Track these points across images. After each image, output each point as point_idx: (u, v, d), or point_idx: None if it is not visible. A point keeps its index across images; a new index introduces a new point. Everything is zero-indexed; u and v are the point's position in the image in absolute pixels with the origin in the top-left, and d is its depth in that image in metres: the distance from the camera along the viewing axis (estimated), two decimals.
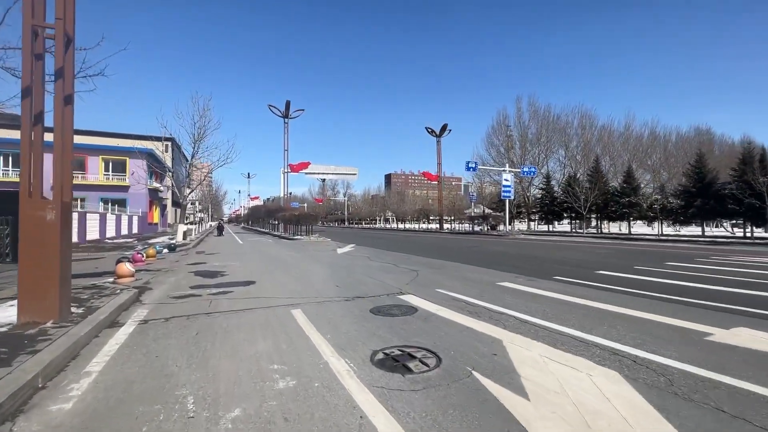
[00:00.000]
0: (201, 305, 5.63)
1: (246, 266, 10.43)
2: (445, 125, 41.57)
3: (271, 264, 10.99)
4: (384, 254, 13.79)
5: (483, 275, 8.46)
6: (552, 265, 10.34)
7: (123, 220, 25.70)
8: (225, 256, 13.31)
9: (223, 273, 9.06)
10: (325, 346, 3.78)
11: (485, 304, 5.58)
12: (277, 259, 12.28)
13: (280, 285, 7.40)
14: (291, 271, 9.35)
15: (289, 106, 31.90)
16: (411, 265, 10.39)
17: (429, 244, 20.06)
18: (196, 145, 19.70)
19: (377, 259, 12.13)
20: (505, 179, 30.58)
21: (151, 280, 7.88)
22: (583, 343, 3.80)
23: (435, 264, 10.56)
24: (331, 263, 11.03)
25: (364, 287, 7.07)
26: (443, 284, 7.31)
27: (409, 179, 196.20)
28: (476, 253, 14.41)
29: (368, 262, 11.12)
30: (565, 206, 38.94)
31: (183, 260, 12.04)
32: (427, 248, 16.80)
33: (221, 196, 72.96)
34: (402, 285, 7.27)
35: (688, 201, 28.66)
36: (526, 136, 48.80)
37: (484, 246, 17.92)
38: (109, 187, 31.14)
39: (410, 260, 11.63)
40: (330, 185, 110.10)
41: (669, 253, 13.61)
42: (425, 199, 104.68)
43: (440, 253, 14.37)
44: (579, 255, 13.08)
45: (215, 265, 10.76)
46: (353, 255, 13.62)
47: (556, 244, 19.07)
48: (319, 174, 36.59)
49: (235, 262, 11.55)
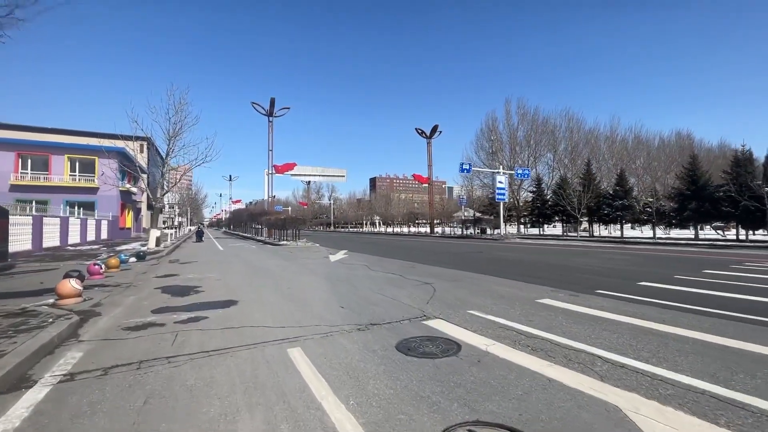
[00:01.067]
0: (162, 343, 4.09)
1: (226, 279, 8.84)
2: (436, 126, 40.57)
3: (256, 276, 9.42)
4: (384, 262, 12.37)
5: (512, 289, 7.16)
6: (580, 274, 9.15)
7: (89, 225, 23.41)
8: (202, 266, 11.63)
9: (197, 289, 7.46)
10: (352, 426, 2.36)
11: (545, 335, 4.25)
12: (263, 270, 10.70)
13: (269, 306, 5.89)
14: (281, 286, 7.83)
15: (273, 103, 30.19)
16: (420, 276, 9.01)
17: (427, 249, 18.76)
18: (171, 142, 17.88)
19: (378, 268, 10.71)
20: (499, 181, 29.69)
21: (103, 301, 6.24)
22: (742, 409, 2.50)
23: (448, 275, 9.21)
24: (327, 274, 9.55)
25: (376, 308, 5.65)
26: (472, 303, 5.96)
27: (394, 182, 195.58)
28: (486, 260, 13.16)
29: (369, 273, 9.69)
30: (557, 209, 38.45)
31: (152, 271, 10.33)
32: (429, 255, 15.47)
33: (201, 200, 70.09)
34: (422, 304, 5.89)
35: (682, 204, 28.39)
36: (516, 138, 48.39)
37: (489, 252, 16.73)
38: (76, 189, 28.63)
39: (417, 270, 10.26)
40: (315, 188, 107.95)
41: (697, 260, 12.70)
42: (410, 202, 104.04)
43: (446, 260, 13.07)
44: (598, 262, 11.99)
45: (189, 277, 9.11)
46: (349, 263, 12.16)
47: (563, 249, 18.07)
48: (306, 176, 34.84)
49: (213, 273, 9.92)
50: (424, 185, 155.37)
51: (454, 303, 5.96)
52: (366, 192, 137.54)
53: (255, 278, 8.99)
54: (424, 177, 41.33)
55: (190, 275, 9.51)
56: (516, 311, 5.39)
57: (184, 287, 7.68)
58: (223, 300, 6.34)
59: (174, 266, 11.66)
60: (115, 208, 29.88)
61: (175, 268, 11.04)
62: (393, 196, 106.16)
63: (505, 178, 30.16)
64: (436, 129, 40.66)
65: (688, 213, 27.44)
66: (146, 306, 5.90)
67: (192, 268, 11.21)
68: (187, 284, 8.07)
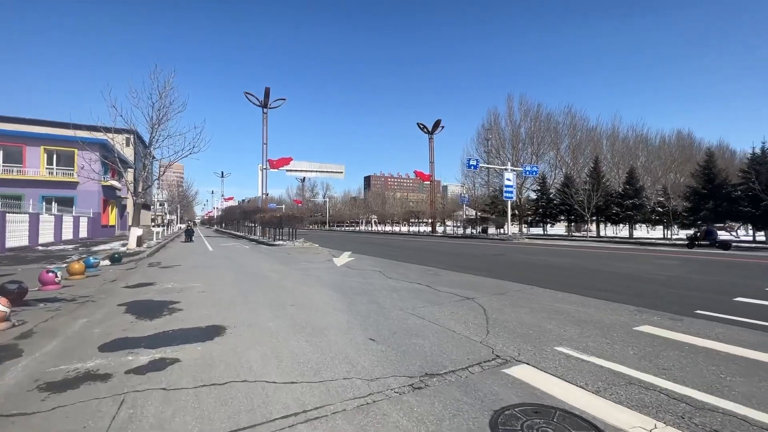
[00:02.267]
0: (91, 423, 2.41)
1: (213, 290, 7.13)
2: (438, 121, 38.96)
3: (250, 286, 7.71)
4: (399, 267, 10.73)
5: (584, 308, 5.56)
6: (647, 285, 7.61)
7: (65, 222, 21.41)
8: (186, 272, 9.88)
9: (174, 306, 5.75)
10: None
11: (714, 401, 2.64)
12: (258, 278, 8.99)
13: (270, 338, 4.22)
14: (282, 302, 6.14)
15: (268, 94, 28.30)
16: (453, 287, 7.39)
17: (439, 251, 17.15)
18: (155, 130, 16.03)
19: (396, 275, 9.06)
20: (507, 179, 28.19)
21: (37, 328, 4.51)
22: None
23: (486, 286, 7.59)
24: (337, 284, 7.87)
25: (422, 342, 4.01)
26: (550, 332, 4.35)
27: (388, 181, 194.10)
28: (514, 264, 11.59)
29: (388, 282, 8.04)
30: (563, 208, 37.16)
31: (124, 279, 8.57)
32: (445, 257, 13.87)
33: (192, 196, 67.73)
34: (481, 334, 4.27)
35: (697, 203, 27.18)
36: (518, 135, 47.03)
37: (510, 254, 15.15)
38: (54, 184, 26.49)
39: (443, 278, 8.64)
40: (309, 186, 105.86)
41: (760, 265, 11.28)
42: (406, 201, 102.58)
43: (470, 264, 11.47)
44: (653, 268, 10.43)
45: (167, 288, 7.38)
46: (359, 269, 10.49)
47: (590, 252, 16.59)
48: (302, 171, 32.99)
49: (197, 281, 8.18)
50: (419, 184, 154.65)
51: (526, 332, 4.34)
52: (360, 191, 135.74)
53: (249, 289, 7.28)
54: (426, 174, 39.72)
55: (169, 284, 7.77)
56: (624, 348, 3.79)
57: (158, 303, 5.95)
58: (205, 326, 4.65)
59: (153, 271, 9.89)
60: (96, 204, 27.80)
61: (153, 275, 9.28)
62: (388, 195, 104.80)
63: (513, 175, 28.69)
64: (438, 124, 39.05)
65: (705, 213, 26.21)
66: (95, 337, 4.19)
67: (173, 274, 9.45)
68: (163, 298, 6.34)
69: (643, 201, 30.92)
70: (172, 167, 45.57)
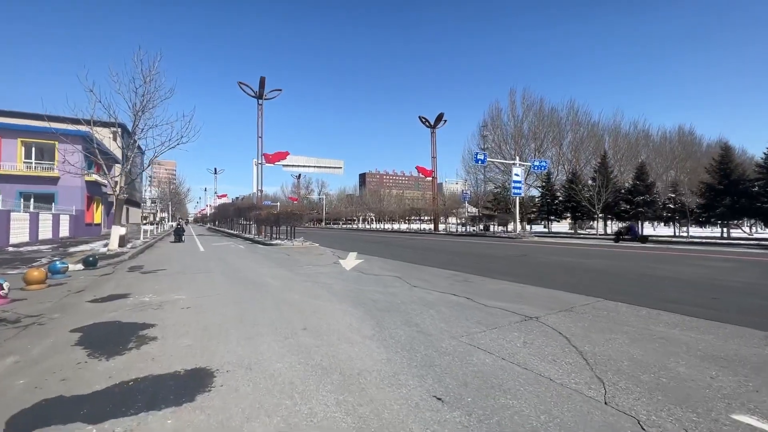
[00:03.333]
0: None
1: (200, 306, 5.67)
2: (441, 115, 37.54)
3: (247, 299, 6.27)
4: (418, 272, 9.33)
5: (705, 336, 4.20)
6: (738, 297, 6.30)
7: (43, 221, 19.71)
8: (170, 279, 8.39)
9: (145, 333, 4.30)
10: None
11: None
12: (257, 286, 7.54)
13: (281, 398, 2.79)
14: (292, 325, 4.71)
15: (263, 83, 26.68)
16: (500, 300, 6.01)
17: (453, 251, 15.80)
18: (138, 118, 14.43)
19: (421, 282, 7.67)
20: (516, 174, 26.90)
21: None
22: None
23: (540, 297, 6.23)
24: (356, 296, 6.45)
25: (517, 405, 2.60)
26: (689, 378, 2.99)
27: (384, 178, 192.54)
28: (550, 268, 10.25)
29: (416, 293, 6.64)
30: (569, 205, 36.05)
31: (93, 289, 7.07)
32: (465, 259, 12.51)
33: (183, 193, 65.72)
34: (596, 386, 2.89)
35: (713, 199, 26.14)
36: (521, 130, 45.80)
37: (533, 255, 13.81)
38: (32, 179, 24.68)
39: (478, 286, 7.26)
40: (304, 184, 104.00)
41: None
42: (402, 198, 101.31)
43: (500, 268, 10.11)
44: (706, 272, 9.18)
45: (143, 302, 5.91)
46: (375, 274, 9.08)
47: (617, 253, 15.34)
48: (299, 167, 31.42)
49: (182, 292, 6.72)
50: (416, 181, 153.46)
51: (657, 381, 2.96)
52: (356, 188, 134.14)
53: (246, 304, 5.84)
54: (428, 170, 38.34)
55: (146, 296, 6.30)
56: None
57: (125, 328, 4.50)
58: (184, 371, 3.21)
59: (131, 278, 8.39)
60: (80, 200, 26.03)
61: (130, 283, 7.78)
62: (384, 192, 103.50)
63: (521, 170, 27.43)
64: (440, 118, 37.62)
65: (722, 209, 25.19)
66: (11, 396, 2.73)
67: (155, 281, 7.97)
68: (134, 319, 4.89)
69: (655, 197, 29.86)
70: (164, 164, 43.35)
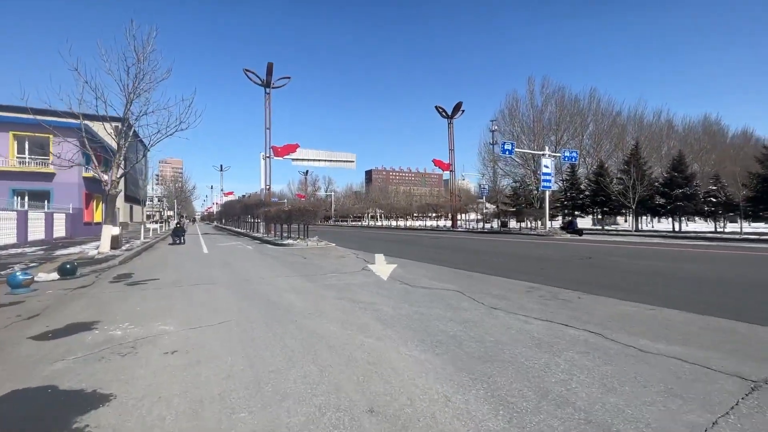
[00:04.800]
0: None
1: (193, 349, 3.69)
2: (459, 104, 35.26)
3: (263, 335, 4.28)
4: (480, 283, 7.29)
5: None
6: None
7: (34, 220, 18.00)
8: (160, 294, 6.46)
9: (85, 425, 2.32)
10: None
11: None
12: (274, 309, 5.57)
13: None
14: (347, 401, 2.70)
15: (271, 70, 24.69)
16: (649, 336, 3.95)
17: (495, 251, 13.75)
18: (130, 101, 12.55)
19: (494, 301, 5.64)
20: (545, 165, 24.68)
21: None
22: None
23: (705, 331, 4.18)
24: (422, 330, 4.43)
25: None
26: None
27: (390, 175, 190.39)
28: (652, 278, 8.18)
29: (506, 322, 4.61)
30: (596, 199, 33.73)
31: (50, 314, 5.16)
32: (521, 263, 10.46)
33: (189, 191, 64.29)
34: None
35: (765, 192, 23.71)
36: (541, 121, 43.42)
37: (600, 259, 11.71)
38: (26, 175, 23.05)
39: (588, 308, 5.21)
40: (311, 181, 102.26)
41: None
42: (410, 195, 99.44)
43: (584, 278, 8.05)
44: None
45: (110, 338, 3.96)
46: (423, 287, 7.06)
47: (707, 254, 13.19)
48: (310, 161, 29.47)
49: (170, 321, 4.76)
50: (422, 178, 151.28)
51: None
52: (362, 185, 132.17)
53: (261, 346, 3.86)
54: (445, 163, 36.14)
55: (118, 329, 4.35)
56: None
57: (58, 406, 2.53)
58: None
59: (109, 293, 6.48)
60: (77, 198, 24.37)
61: (105, 301, 5.86)
62: (391, 189, 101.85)
63: (551, 161, 25.19)
64: (459, 107, 35.36)
65: None
66: None
67: (139, 298, 6.04)
68: (81, 382, 2.92)
69: (696, 190, 27.45)
70: (170, 162, 41.58)
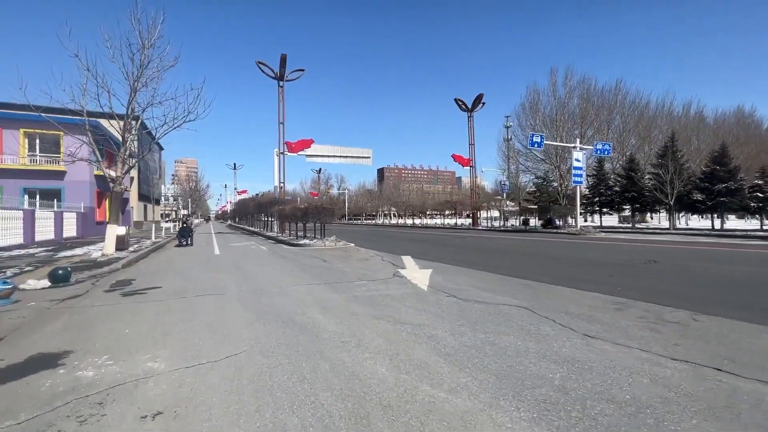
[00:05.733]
0: None
1: (187, 410, 2.48)
2: (480, 96, 33.61)
3: (284, 382, 3.04)
4: (546, 296, 5.93)
5: None
6: None
7: (42, 219, 17.32)
8: (157, 309, 5.31)
9: None
10: None
11: None
12: (299, 333, 4.35)
13: None
14: None
15: (285, 62, 23.60)
16: None
17: (532, 252, 12.34)
18: (135, 89, 11.56)
19: (583, 324, 4.30)
20: (576, 159, 22.99)
21: None
22: None
23: None
24: (514, 377, 3.14)
25: None
26: None
27: (402, 173, 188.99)
28: (726, 284, 6.70)
29: (627, 364, 3.27)
30: (627, 195, 31.68)
31: (18, 337, 4.05)
32: (580, 270, 9.05)
33: (203, 190, 64.17)
34: None
35: None
36: (564, 114, 41.33)
37: (667, 262, 10.21)
38: (37, 173, 22.56)
39: (733, 343, 3.83)
40: (323, 179, 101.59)
41: None
42: (423, 192, 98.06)
43: (673, 289, 6.62)
44: None
45: (75, 385, 2.78)
46: (480, 302, 5.75)
47: (754, 253, 11.54)
48: (325, 157, 28.39)
49: (162, 353, 3.57)
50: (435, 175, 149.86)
51: None
52: (374, 183, 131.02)
53: (284, 406, 2.62)
54: (465, 158, 34.57)
55: (89, 369, 3.19)
56: None
57: None
58: None
59: (99, 308, 5.37)
60: (89, 197, 23.78)
61: (89, 320, 4.74)
62: (405, 187, 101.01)
63: (582, 155, 23.47)
64: (479, 100, 33.70)
65: None
66: None
67: (132, 316, 4.90)
68: None
69: (741, 184, 25.29)
70: (185, 162, 40.81)
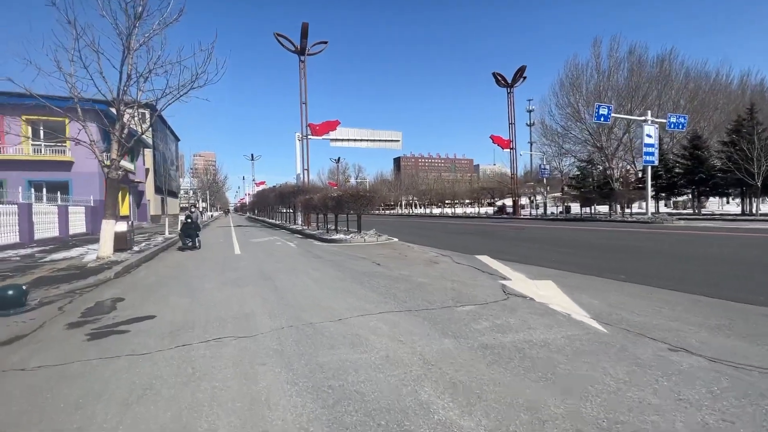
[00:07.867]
0: None
1: None
2: (523, 68, 29.95)
3: None
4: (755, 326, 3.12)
5: None
6: None
7: (44, 215, 15.34)
8: (132, 377, 2.76)
9: None
10: None
11: None
12: None
13: None
14: None
15: (306, 32, 20.76)
16: None
17: (631, 247, 9.39)
18: (131, 45, 9.06)
19: None
20: (647, 135, 19.54)
21: None
22: None
23: None
24: None
25: None
26: None
27: (419, 162, 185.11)
28: None
29: None
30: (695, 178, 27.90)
31: None
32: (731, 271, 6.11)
33: (221, 182, 62.79)
34: None
35: None
36: (609, 90, 37.18)
37: None
38: (42, 164, 20.75)
39: None
40: (340, 169, 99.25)
41: None
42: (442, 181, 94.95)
43: None
44: None
45: None
46: (724, 362, 2.97)
47: None
48: (351, 141, 25.72)
49: None
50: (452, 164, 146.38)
51: None
52: (391, 173, 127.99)
53: None
54: (505, 139, 31.22)
55: None
56: None
57: None
58: None
59: (32, 377, 2.86)
60: (98, 189, 21.86)
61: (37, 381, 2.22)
62: (422, 176, 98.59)
63: (654, 129, 19.95)
64: (521, 73, 30.07)
65: None
66: None
67: (75, 403, 2.36)
68: None
69: None
70: (204, 156, 38.55)
